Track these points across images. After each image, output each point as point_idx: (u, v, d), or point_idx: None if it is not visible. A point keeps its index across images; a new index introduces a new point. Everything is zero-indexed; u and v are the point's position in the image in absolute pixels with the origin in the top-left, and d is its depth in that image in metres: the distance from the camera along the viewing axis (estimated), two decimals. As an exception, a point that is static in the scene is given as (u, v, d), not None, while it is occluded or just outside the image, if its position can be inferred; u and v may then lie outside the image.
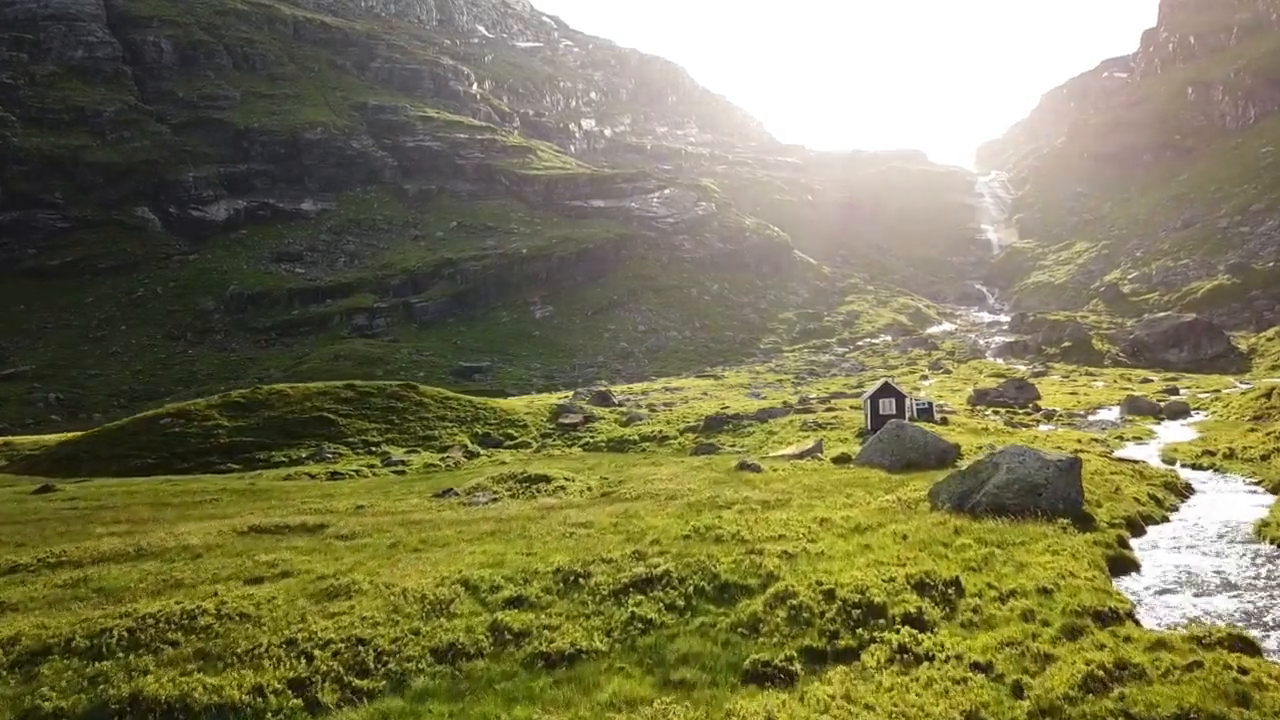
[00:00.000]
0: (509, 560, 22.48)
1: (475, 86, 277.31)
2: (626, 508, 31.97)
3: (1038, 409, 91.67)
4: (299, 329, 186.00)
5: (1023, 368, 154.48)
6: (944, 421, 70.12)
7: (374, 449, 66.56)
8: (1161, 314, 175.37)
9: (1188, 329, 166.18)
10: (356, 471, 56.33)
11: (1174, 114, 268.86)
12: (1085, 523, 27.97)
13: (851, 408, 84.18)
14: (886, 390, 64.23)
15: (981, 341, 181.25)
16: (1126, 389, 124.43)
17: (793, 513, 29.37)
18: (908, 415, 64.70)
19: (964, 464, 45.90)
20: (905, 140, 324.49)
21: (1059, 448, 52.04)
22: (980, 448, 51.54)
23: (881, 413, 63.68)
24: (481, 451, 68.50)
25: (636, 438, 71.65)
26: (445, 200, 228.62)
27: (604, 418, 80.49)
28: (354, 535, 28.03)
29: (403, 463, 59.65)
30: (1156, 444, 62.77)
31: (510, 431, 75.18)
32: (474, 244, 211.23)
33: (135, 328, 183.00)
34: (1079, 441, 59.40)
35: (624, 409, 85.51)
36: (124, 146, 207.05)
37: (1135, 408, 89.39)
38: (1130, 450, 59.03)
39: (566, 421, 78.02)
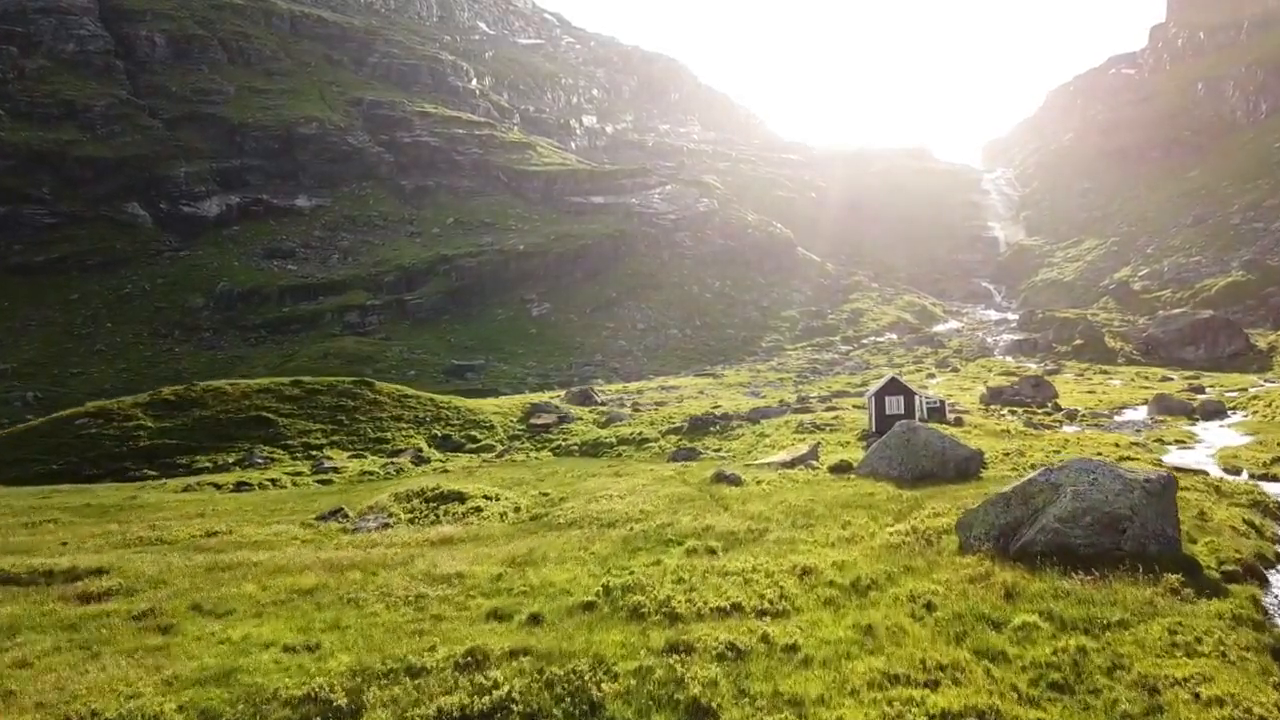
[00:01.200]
0: (255, 668, 13.40)
1: (474, 82, 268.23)
2: (536, 546, 23.07)
3: (1058, 408, 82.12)
4: (290, 327, 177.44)
5: (1034, 366, 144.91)
6: (958, 422, 60.79)
7: (314, 453, 57.56)
8: (1177, 311, 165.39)
9: (1204, 326, 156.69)
10: (273, 481, 47.36)
11: (1184, 110, 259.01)
12: (1190, 572, 18.68)
13: (854, 407, 75.03)
14: (893, 387, 54.80)
15: (989, 340, 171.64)
16: (1147, 387, 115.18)
17: (764, 555, 20.40)
18: (917, 415, 55.35)
19: (989, 475, 36.42)
20: (910, 138, 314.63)
21: (1099, 454, 42.47)
22: (1006, 454, 42.01)
23: (888, 412, 54.38)
24: (437, 455, 59.44)
25: (613, 440, 62.56)
26: (442, 197, 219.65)
27: (581, 418, 71.37)
28: (106, 594, 18.98)
29: (335, 470, 50.66)
30: (1205, 448, 53.33)
31: (474, 434, 66.09)
32: (471, 240, 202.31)
33: (121, 325, 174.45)
34: (1117, 445, 49.92)
35: (605, 408, 76.36)
36: (114, 141, 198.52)
37: (1165, 407, 79.99)
38: (1176, 456, 49.68)
39: (538, 422, 68.89)
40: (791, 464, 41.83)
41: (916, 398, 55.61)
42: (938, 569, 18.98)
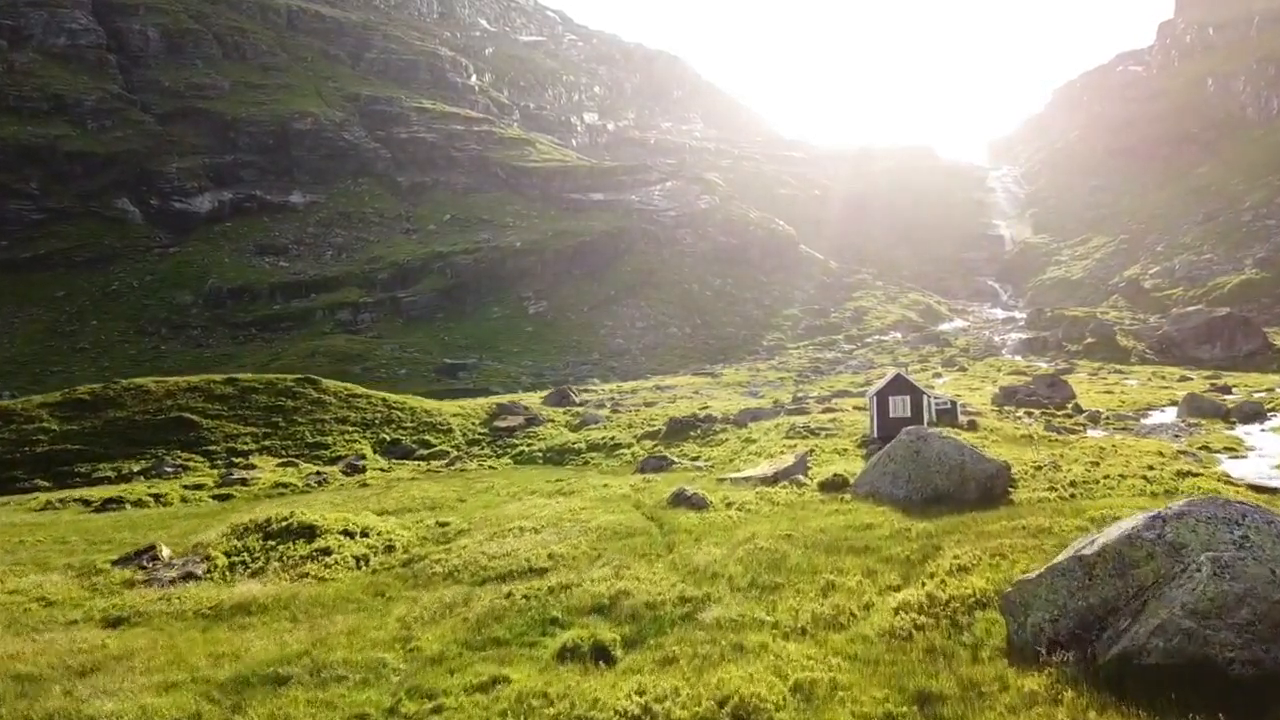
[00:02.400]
0: None
1: (474, 79, 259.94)
2: (334, 632, 14.38)
3: (1079, 410, 73.35)
4: (280, 325, 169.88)
5: (1044, 365, 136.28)
6: (971, 425, 52.30)
7: (236, 460, 49.19)
8: (1192, 308, 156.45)
9: (1221, 324, 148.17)
10: (157, 497, 39.11)
11: (1193, 106, 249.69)
12: None
13: (855, 408, 66.57)
14: (898, 385, 46.28)
15: (997, 338, 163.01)
16: (1166, 387, 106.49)
17: (682, 669, 11.81)
18: (925, 418, 46.76)
19: (1021, 498, 27.92)
20: (915, 135, 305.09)
21: (1150, 469, 33.90)
22: (1038, 468, 33.47)
23: (892, 415, 45.95)
24: (379, 463, 51.24)
25: (582, 446, 54.39)
26: (439, 193, 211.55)
27: (553, 420, 63.09)
28: None
29: (244, 482, 42.30)
30: (1263, 458, 44.85)
31: (428, 438, 57.87)
32: (467, 237, 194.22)
33: (107, 323, 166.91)
34: (1161, 454, 41.43)
35: (582, 410, 68.05)
36: (105, 136, 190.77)
37: (1197, 408, 71.29)
38: (1229, 466, 41.11)
39: (502, 425, 60.63)
40: (774, 479, 33.34)
41: (924, 398, 47.10)
42: (982, 703, 10.49)
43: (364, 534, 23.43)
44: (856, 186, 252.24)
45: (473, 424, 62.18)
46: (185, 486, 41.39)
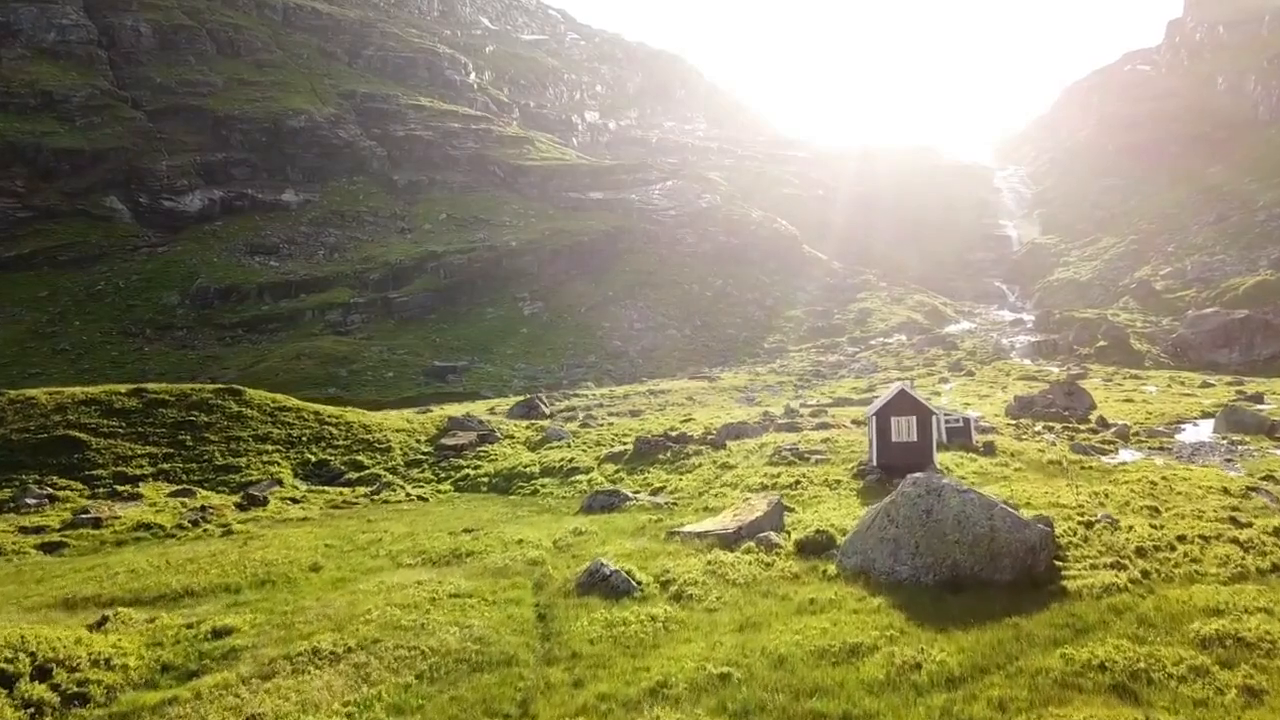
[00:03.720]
0: None
1: (473, 76, 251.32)
2: None
3: (1104, 424, 64.55)
4: (268, 325, 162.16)
5: (1055, 369, 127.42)
6: (989, 449, 43.66)
7: (123, 487, 40.72)
8: (1208, 310, 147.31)
9: (1239, 327, 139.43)
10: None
11: (1203, 105, 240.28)
12: None
13: (854, 422, 57.97)
14: (901, 403, 37.51)
15: (1005, 341, 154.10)
16: (1189, 394, 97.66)
17: None
18: (934, 439, 37.84)
19: (1076, 582, 19.53)
20: (920, 135, 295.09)
21: (1236, 532, 25.27)
22: (1087, 523, 24.65)
23: (895, 438, 37.28)
24: (297, 490, 42.83)
25: (535, 470, 46.10)
26: (436, 192, 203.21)
27: (513, 436, 54.73)
28: None
29: (97, 522, 33.70)
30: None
31: (362, 458, 49.55)
32: (462, 237, 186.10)
33: (90, 323, 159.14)
34: (1226, 491, 32.93)
35: (549, 423, 59.58)
36: (94, 133, 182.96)
37: (1237, 423, 62.84)
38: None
39: (450, 444, 52.29)
40: (737, 536, 24.63)
41: (934, 418, 38.34)
42: None
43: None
44: (861, 186, 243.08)
45: (417, 441, 53.73)
46: (21, 529, 32.99)
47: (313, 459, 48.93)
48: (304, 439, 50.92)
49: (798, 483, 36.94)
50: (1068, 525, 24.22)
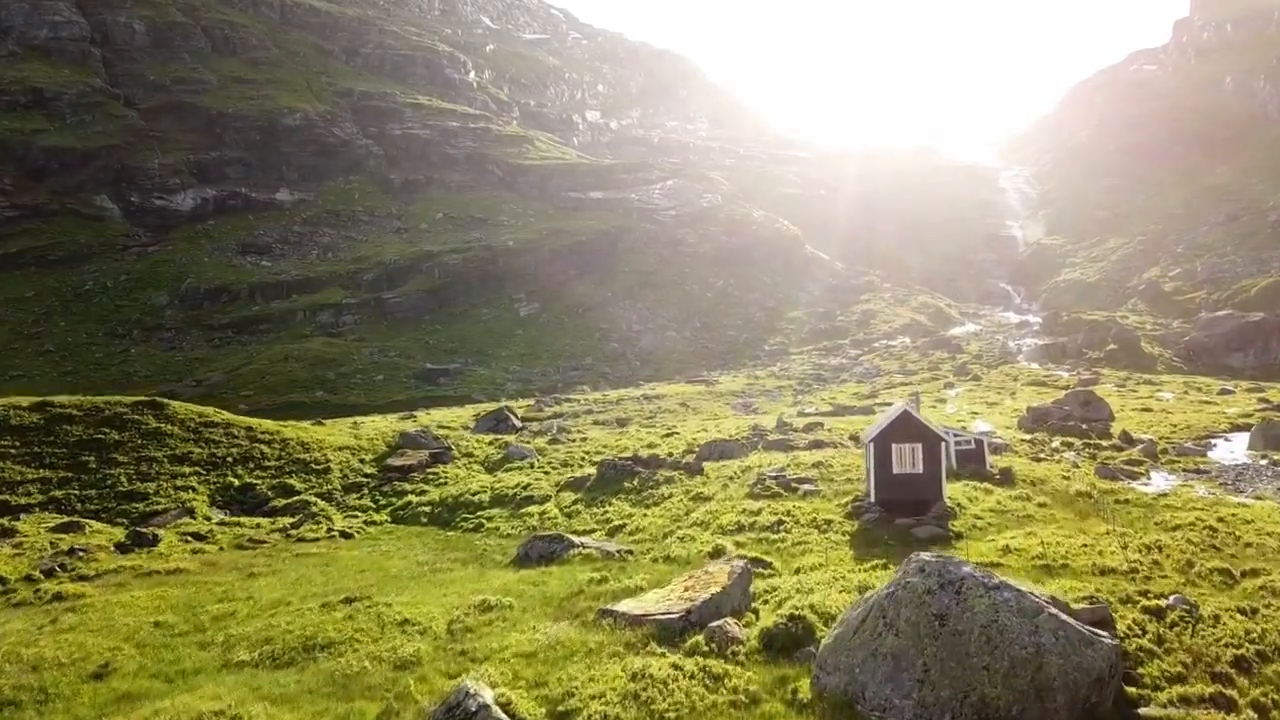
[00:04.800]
0: None
1: (473, 75, 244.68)
2: None
3: (1128, 440, 57.86)
4: (258, 326, 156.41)
5: (1065, 374, 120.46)
6: (1006, 478, 36.91)
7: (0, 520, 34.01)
8: (1222, 313, 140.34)
9: (1254, 330, 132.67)
10: None
11: (1211, 105, 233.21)
12: None
13: (852, 438, 51.13)
14: (904, 427, 30.83)
15: (1012, 344, 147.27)
16: (1208, 402, 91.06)
17: None
18: (944, 469, 30.87)
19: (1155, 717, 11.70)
20: (924, 135, 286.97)
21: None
22: (1144, 595, 17.62)
23: (897, 469, 30.66)
24: (207, 524, 36.69)
25: (485, 499, 39.84)
26: (433, 191, 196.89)
27: (471, 453, 48.65)
28: None
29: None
30: None
31: (293, 482, 43.30)
32: (459, 236, 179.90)
33: (76, 324, 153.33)
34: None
35: (516, 437, 53.24)
36: (84, 131, 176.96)
37: (1276, 438, 56.11)
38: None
39: (398, 464, 45.95)
40: (685, 624, 17.96)
41: (942, 446, 31.51)
42: None
43: None
44: (864, 186, 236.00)
45: (361, 460, 47.33)
46: None
47: (236, 483, 42.63)
48: (230, 459, 44.57)
49: (780, 523, 30.41)
50: (1131, 617, 17.54)
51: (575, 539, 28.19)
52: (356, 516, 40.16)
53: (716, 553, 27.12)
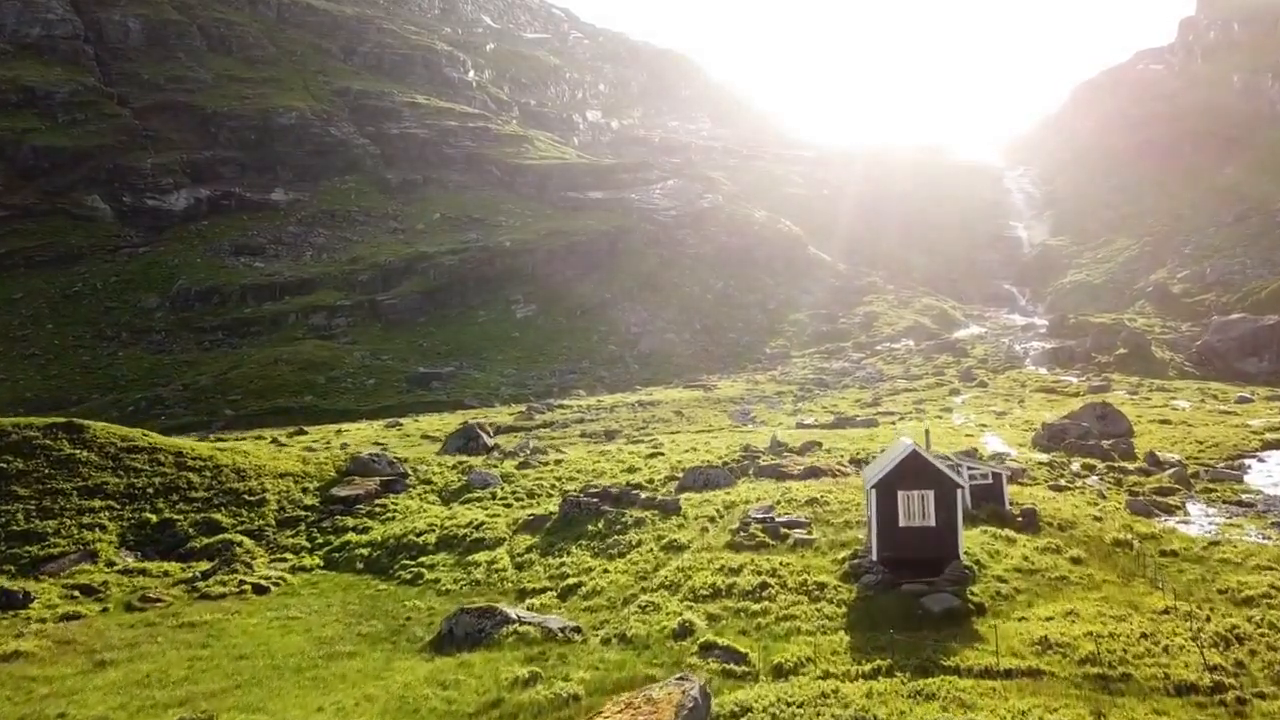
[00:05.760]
0: None
1: (472, 74, 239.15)
2: None
3: (1156, 462, 52.39)
4: (250, 329, 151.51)
5: (1074, 380, 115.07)
6: (1028, 520, 31.09)
7: None
8: (1235, 316, 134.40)
9: (1269, 334, 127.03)
10: None
11: (1217, 104, 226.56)
12: None
13: (853, 461, 45.50)
14: (915, 470, 25.19)
15: (1018, 347, 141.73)
16: (1228, 411, 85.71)
17: None
18: (960, 518, 25.14)
19: None
20: (928, 134, 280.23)
21: None
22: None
23: (904, 521, 25.24)
24: (115, 568, 31.18)
25: (432, 540, 34.75)
26: (431, 191, 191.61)
27: (430, 480, 43.65)
28: None
29: None
30: None
31: (219, 517, 38.06)
32: (455, 237, 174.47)
33: (64, 327, 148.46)
34: None
35: (483, 459, 47.65)
36: (77, 130, 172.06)
37: (1319, 463, 50.11)
38: None
39: (343, 494, 40.51)
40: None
41: (959, 492, 25.88)
42: None
43: None
44: (867, 187, 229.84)
45: (304, 489, 41.97)
46: None
47: (154, 519, 37.35)
48: (151, 491, 39.24)
49: (764, 587, 24.98)
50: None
51: (511, 612, 22.80)
52: (284, 560, 34.91)
53: (683, 631, 21.69)
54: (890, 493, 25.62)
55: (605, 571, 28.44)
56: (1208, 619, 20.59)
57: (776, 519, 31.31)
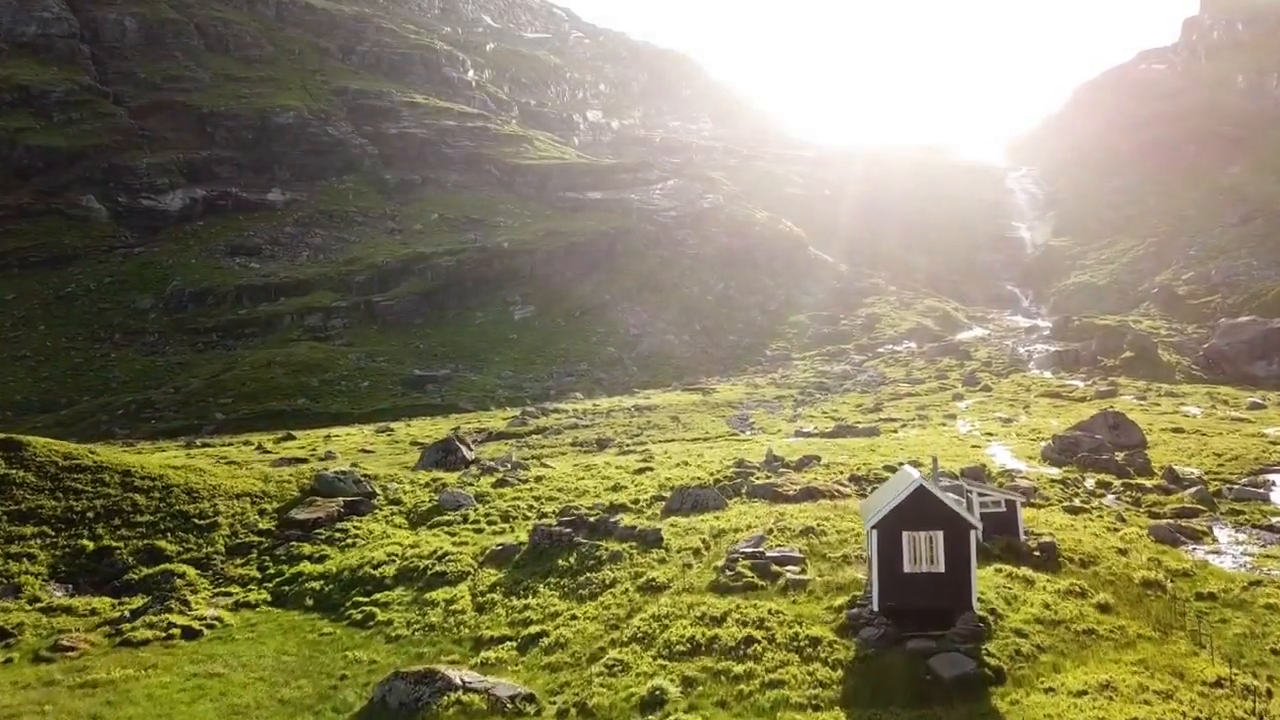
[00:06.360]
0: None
1: (471, 74, 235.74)
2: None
3: (1174, 479, 48.81)
4: (245, 330, 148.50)
5: (1080, 384, 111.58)
6: (1047, 555, 27.82)
7: None
8: (1244, 319, 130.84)
9: (1278, 337, 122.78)
10: None
11: (1222, 104, 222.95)
12: None
13: (852, 479, 42.16)
14: (920, 508, 21.68)
15: (1022, 350, 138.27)
16: (1242, 419, 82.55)
17: None
18: (974, 563, 21.55)
19: None
20: (930, 134, 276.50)
21: None
22: None
23: (909, 565, 21.96)
24: (38, 605, 27.62)
25: (390, 573, 31.79)
26: (429, 191, 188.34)
27: (399, 500, 40.54)
28: None
29: None
30: None
31: (163, 544, 34.88)
32: (453, 238, 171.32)
33: (56, 328, 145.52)
34: None
35: (458, 475, 44.59)
36: (71, 129, 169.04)
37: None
38: None
39: (302, 517, 37.33)
40: None
41: (973, 533, 22.44)
42: None
43: None
44: (869, 187, 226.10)
45: (261, 511, 38.68)
46: None
47: (91, 547, 34.15)
48: (91, 515, 36.02)
49: (749, 641, 21.76)
50: None
51: (455, 675, 19.57)
52: (229, 594, 31.74)
53: (653, 701, 18.53)
54: (893, 534, 22.26)
55: (573, 618, 25.17)
56: (1268, 693, 17.28)
57: (767, 554, 27.94)
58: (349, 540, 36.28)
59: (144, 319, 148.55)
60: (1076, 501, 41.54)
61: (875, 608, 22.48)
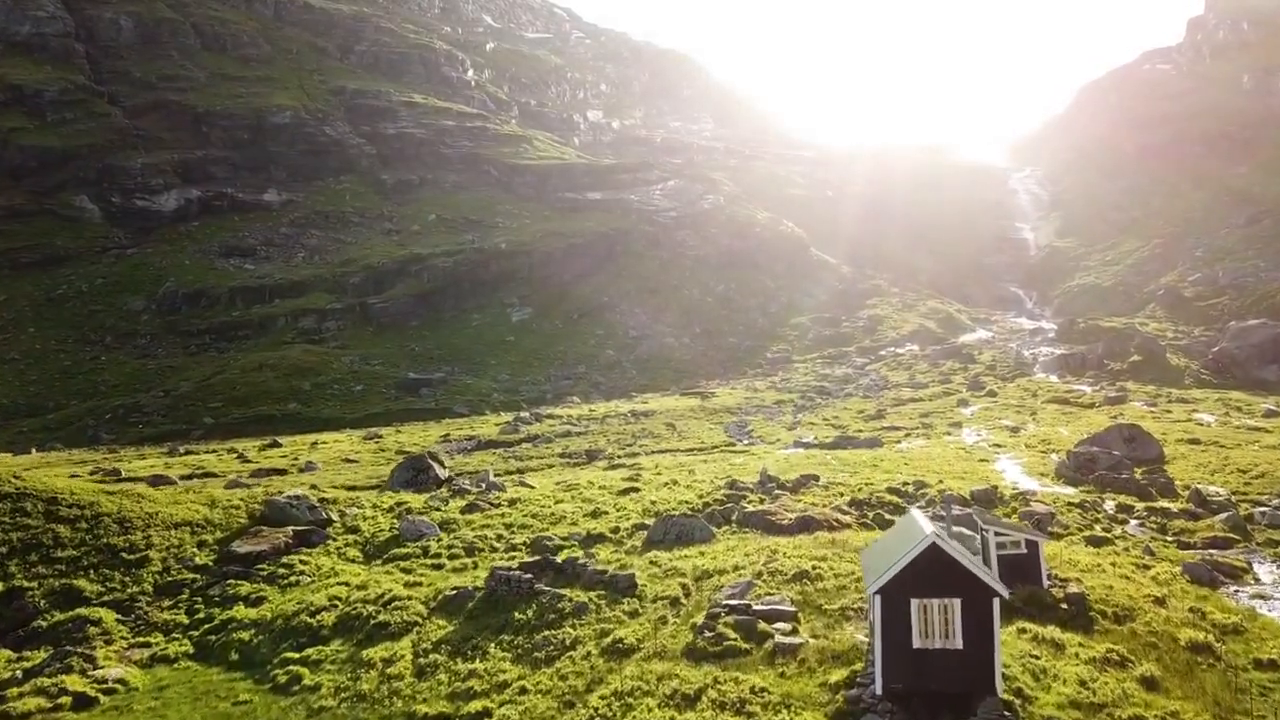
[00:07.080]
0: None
1: (470, 73, 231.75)
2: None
3: (1202, 502, 45.08)
4: (238, 332, 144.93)
5: (1088, 389, 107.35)
6: (1076, 607, 23.71)
7: None
8: (1254, 322, 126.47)
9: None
10: None
11: (1228, 104, 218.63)
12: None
13: (853, 504, 38.11)
14: (933, 570, 17.53)
15: (1027, 353, 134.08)
16: (1259, 428, 77.94)
17: None
18: (997, 636, 17.28)
19: None
20: (933, 135, 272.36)
21: None
22: None
23: (920, 640, 17.75)
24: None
25: (329, 622, 28.04)
26: (427, 192, 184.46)
27: (356, 528, 36.66)
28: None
29: None
30: None
31: (83, 583, 31.18)
32: (451, 239, 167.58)
33: (46, 330, 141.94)
34: None
35: (425, 499, 40.73)
36: (65, 129, 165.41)
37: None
38: None
39: (245, 550, 33.51)
40: None
41: (996, 601, 18.38)
42: None
43: None
44: (871, 187, 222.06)
45: (201, 542, 34.77)
46: None
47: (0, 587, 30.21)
48: (5, 550, 31.97)
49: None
50: None
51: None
52: (148, 645, 27.86)
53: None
54: (900, 601, 18.26)
55: (523, 691, 21.26)
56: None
57: (754, 607, 24.01)
58: (292, 578, 32.32)
59: (136, 321, 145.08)
60: (1099, 529, 37.55)
61: (878, 689, 18.49)
